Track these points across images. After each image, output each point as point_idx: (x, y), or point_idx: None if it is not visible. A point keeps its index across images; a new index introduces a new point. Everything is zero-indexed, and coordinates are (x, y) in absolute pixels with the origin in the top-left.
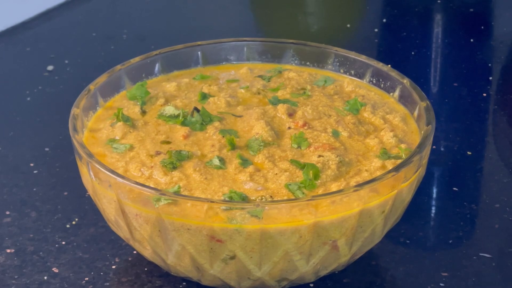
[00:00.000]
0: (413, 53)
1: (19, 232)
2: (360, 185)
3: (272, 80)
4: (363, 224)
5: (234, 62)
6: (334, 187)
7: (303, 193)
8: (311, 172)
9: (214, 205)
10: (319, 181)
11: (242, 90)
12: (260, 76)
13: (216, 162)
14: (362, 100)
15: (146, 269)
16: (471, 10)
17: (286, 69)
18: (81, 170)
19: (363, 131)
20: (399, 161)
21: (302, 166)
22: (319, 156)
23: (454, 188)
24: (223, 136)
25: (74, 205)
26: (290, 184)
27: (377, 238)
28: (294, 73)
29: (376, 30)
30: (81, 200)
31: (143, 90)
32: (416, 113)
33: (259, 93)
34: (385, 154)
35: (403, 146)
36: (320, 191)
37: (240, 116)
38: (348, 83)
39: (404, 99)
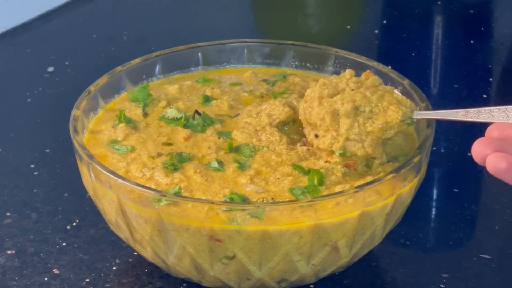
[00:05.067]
0: (413, 54)
1: (19, 233)
2: (361, 187)
3: (277, 85)
4: (364, 226)
5: (235, 63)
6: (337, 189)
7: (307, 198)
8: (315, 177)
9: (214, 206)
10: (323, 186)
11: (246, 94)
12: (264, 80)
13: (215, 164)
14: None
15: (146, 270)
16: (471, 11)
17: (291, 74)
18: (82, 171)
19: None
20: (399, 163)
21: (307, 172)
22: (326, 161)
23: (454, 190)
24: (219, 138)
25: (75, 206)
26: (294, 189)
27: (377, 239)
28: (299, 78)
29: (376, 31)
30: (81, 201)
31: (145, 92)
32: None
33: (262, 97)
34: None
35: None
36: None
37: (236, 115)
38: None
39: None
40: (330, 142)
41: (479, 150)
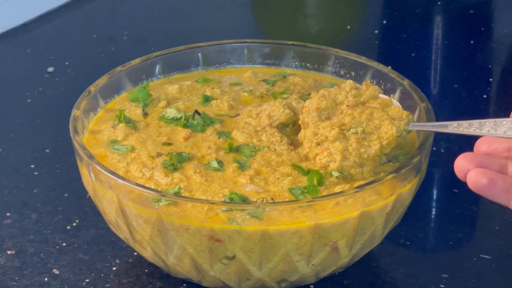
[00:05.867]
0: (413, 54)
1: (19, 234)
2: (361, 187)
3: (277, 85)
4: (364, 226)
5: (235, 64)
6: (336, 189)
7: (306, 198)
8: (315, 178)
9: (214, 206)
10: (323, 186)
11: (245, 94)
12: (264, 80)
13: (215, 164)
14: None
15: (146, 270)
16: (471, 11)
17: (290, 74)
18: (82, 171)
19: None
20: (399, 163)
21: (306, 172)
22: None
23: (455, 190)
24: (219, 138)
25: (75, 206)
26: (293, 189)
27: (377, 239)
28: (299, 78)
29: (376, 31)
30: (81, 201)
31: (145, 92)
32: (416, 114)
33: (262, 97)
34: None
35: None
36: None
37: (236, 116)
38: None
39: (404, 101)
40: (327, 160)
41: (461, 165)
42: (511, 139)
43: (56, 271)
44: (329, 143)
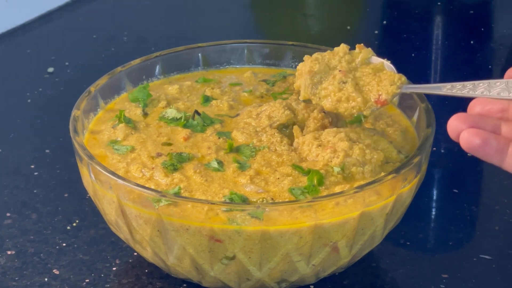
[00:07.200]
0: (413, 55)
1: (19, 234)
2: (361, 187)
3: (276, 85)
4: (364, 226)
5: (235, 64)
6: (336, 189)
7: (306, 198)
8: (315, 178)
9: (214, 206)
10: (323, 187)
11: (245, 94)
12: (264, 81)
13: (215, 164)
14: None
15: (146, 271)
16: (471, 12)
17: (290, 74)
18: (82, 171)
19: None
20: (399, 163)
21: (306, 172)
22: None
23: (454, 190)
24: (219, 138)
25: (75, 206)
26: (293, 189)
27: (377, 240)
28: None
29: (376, 32)
30: (81, 201)
31: (145, 93)
32: (416, 115)
33: (262, 97)
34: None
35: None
36: None
37: (236, 116)
38: None
39: (404, 101)
40: (330, 156)
41: (454, 125)
42: (505, 100)
43: (56, 271)
44: (333, 144)
